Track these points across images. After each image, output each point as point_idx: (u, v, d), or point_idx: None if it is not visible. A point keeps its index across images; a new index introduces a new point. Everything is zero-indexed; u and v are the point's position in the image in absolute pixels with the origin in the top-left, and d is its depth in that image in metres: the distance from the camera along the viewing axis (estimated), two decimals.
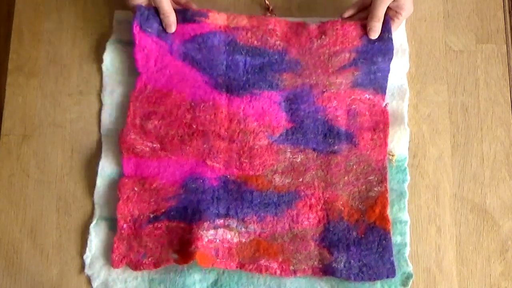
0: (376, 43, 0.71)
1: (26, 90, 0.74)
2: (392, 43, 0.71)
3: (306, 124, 0.71)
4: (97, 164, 0.70)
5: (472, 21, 0.76)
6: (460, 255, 0.69)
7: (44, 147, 0.72)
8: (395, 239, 0.68)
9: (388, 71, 0.71)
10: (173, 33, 0.71)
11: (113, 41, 0.74)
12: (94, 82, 0.74)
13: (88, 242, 0.68)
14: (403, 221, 0.69)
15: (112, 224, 0.69)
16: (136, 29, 0.70)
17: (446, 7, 0.77)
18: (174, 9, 0.71)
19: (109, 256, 0.68)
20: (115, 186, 0.69)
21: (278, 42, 0.72)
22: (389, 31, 0.71)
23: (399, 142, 0.71)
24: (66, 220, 0.70)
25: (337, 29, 0.71)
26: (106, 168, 0.70)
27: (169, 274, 0.67)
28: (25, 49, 0.75)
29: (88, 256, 0.68)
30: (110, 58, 0.73)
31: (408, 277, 0.67)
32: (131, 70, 0.73)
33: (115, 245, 0.68)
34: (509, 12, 0.77)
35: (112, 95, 0.73)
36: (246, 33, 0.72)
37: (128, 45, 0.73)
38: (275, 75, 0.71)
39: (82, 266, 0.68)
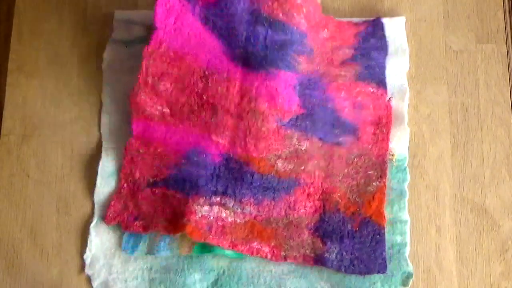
0: (372, 39, 0.73)
1: (26, 90, 0.74)
2: (385, 39, 0.73)
3: (316, 112, 0.69)
4: (97, 164, 0.70)
5: (472, 21, 0.76)
6: (460, 255, 0.69)
7: (44, 147, 0.72)
8: (395, 238, 0.68)
9: (385, 65, 0.72)
10: None
11: (113, 41, 0.74)
12: (94, 82, 0.74)
13: (88, 242, 0.68)
14: (403, 220, 0.69)
15: None
16: None
17: (446, 7, 0.77)
18: None
19: (109, 256, 0.68)
20: (115, 186, 0.70)
21: (303, 21, 0.68)
22: (382, 29, 0.73)
23: (399, 142, 0.71)
24: (66, 220, 0.70)
25: (334, 25, 0.72)
26: (106, 168, 0.70)
27: (169, 274, 0.67)
28: (25, 49, 0.75)
29: (88, 256, 0.68)
30: (110, 58, 0.73)
31: (408, 276, 0.67)
32: (132, 69, 0.73)
33: (112, 202, 0.68)
34: (509, 12, 0.77)
35: (112, 95, 0.73)
36: (272, 3, 0.66)
37: (128, 45, 0.73)
38: (294, 56, 0.68)
39: (82, 266, 0.68)
